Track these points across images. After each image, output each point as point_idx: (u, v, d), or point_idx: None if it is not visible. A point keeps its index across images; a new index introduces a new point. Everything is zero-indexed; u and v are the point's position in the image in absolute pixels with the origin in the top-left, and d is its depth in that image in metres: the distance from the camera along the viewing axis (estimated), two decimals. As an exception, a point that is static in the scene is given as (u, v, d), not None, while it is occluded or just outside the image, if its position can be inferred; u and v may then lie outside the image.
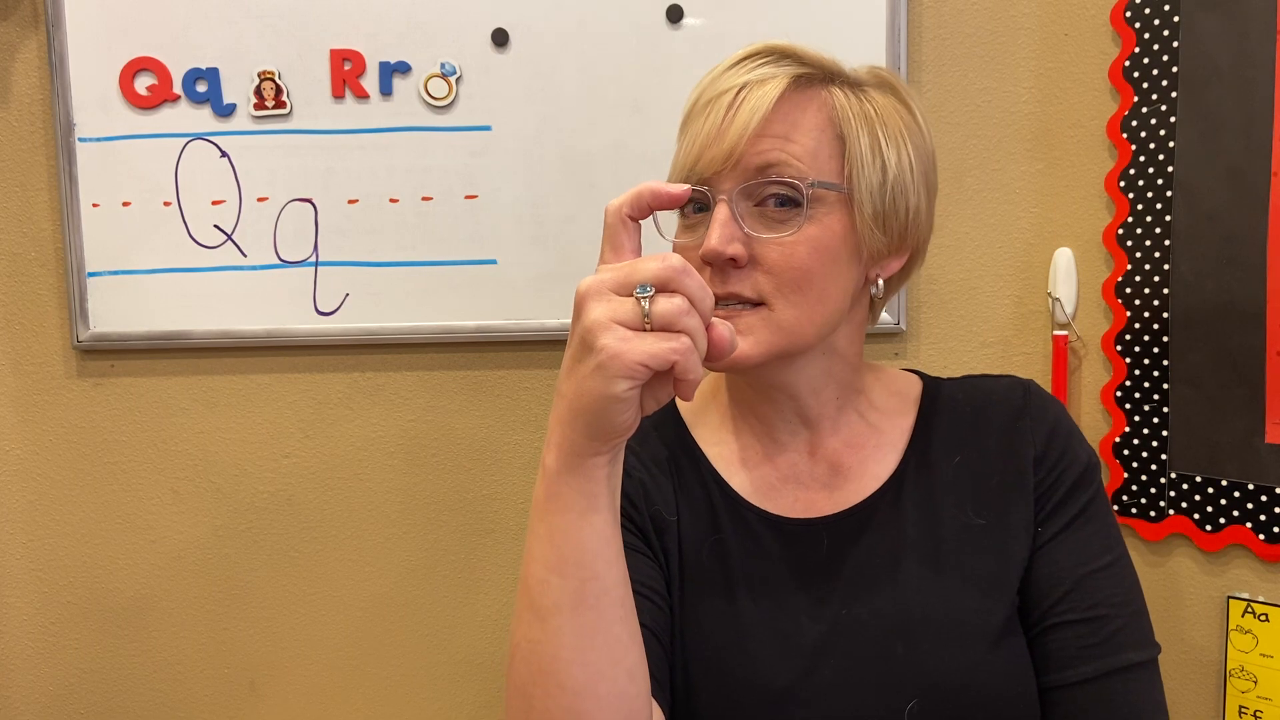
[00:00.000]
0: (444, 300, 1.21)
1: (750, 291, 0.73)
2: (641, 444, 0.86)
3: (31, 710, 1.31)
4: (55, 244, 1.24)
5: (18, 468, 1.28)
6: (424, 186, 1.20)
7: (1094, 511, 0.80)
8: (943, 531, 0.79)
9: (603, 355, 0.55)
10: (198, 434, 1.27)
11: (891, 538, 0.79)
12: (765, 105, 0.72)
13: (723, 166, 0.72)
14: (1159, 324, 1.10)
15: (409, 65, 1.19)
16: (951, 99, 1.18)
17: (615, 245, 0.60)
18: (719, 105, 0.73)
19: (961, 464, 0.81)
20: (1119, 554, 0.80)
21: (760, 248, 0.73)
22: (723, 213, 0.72)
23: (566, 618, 0.61)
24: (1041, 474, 0.80)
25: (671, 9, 1.16)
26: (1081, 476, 0.80)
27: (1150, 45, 1.09)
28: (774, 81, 0.73)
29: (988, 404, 0.83)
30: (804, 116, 0.74)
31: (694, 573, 0.81)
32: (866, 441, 0.83)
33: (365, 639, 1.29)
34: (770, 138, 0.73)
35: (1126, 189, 1.12)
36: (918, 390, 0.86)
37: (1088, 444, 0.83)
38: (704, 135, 0.73)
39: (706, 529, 0.82)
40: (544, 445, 0.61)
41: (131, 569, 1.29)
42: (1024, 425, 0.81)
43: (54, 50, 1.20)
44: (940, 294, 1.21)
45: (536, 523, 0.62)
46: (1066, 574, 0.78)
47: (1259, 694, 1.08)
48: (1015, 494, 0.80)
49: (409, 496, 1.27)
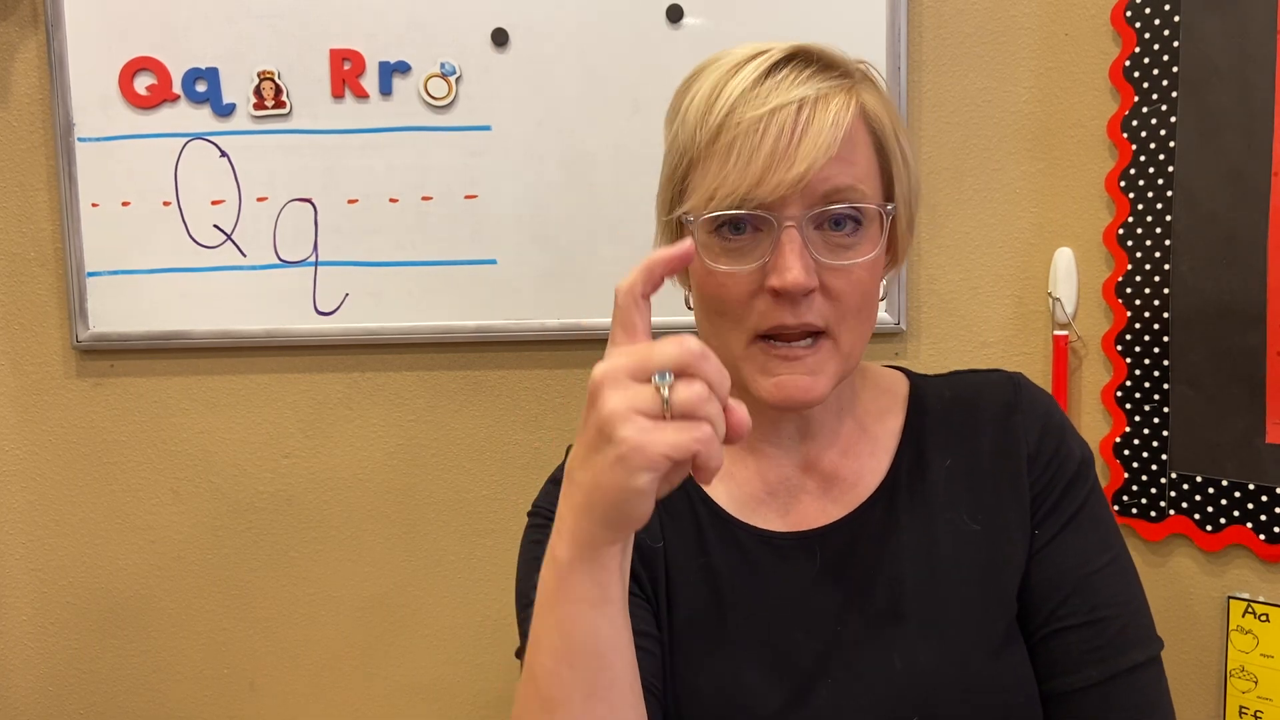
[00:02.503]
0: (444, 300, 1.21)
1: (821, 322, 0.70)
2: None
3: (31, 710, 1.31)
4: (55, 244, 1.24)
5: (18, 468, 1.28)
6: (424, 186, 1.20)
7: (1091, 508, 0.78)
8: (938, 538, 0.77)
9: (623, 448, 0.53)
10: (198, 434, 1.27)
11: (885, 547, 0.77)
12: (843, 127, 0.69)
13: (790, 191, 0.68)
14: (1159, 324, 1.10)
15: (409, 65, 1.18)
16: (951, 99, 1.18)
17: (627, 326, 0.58)
18: (778, 122, 0.68)
19: (954, 466, 0.79)
20: (1117, 549, 0.78)
21: (827, 276, 0.70)
22: (796, 240, 0.68)
23: (577, 709, 0.59)
24: (1036, 473, 0.78)
25: (671, 9, 1.16)
26: (1077, 473, 0.78)
27: (1150, 45, 1.09)
28: (839, 99, 0.70)
29: (977, 401, 0.81)
30: (857, 133, 0.71)
31: (683, 598, 0.78)
32: (861, 449, 0.80)
33: (365, 639, 1.29)
34: (839, 161, 0.69)
35: (1127, 189, 1.12)
36: (905, 388, 0.84)
37: (1080, 437, 0.81)
38: (765, 154, 0.68)
39: (694, 551, 0.79)
40: (554, 532, 0.59)
41: (131, 569, 1.29)
42: (1016, 422, 0.79)
43: (54, 50, 1.20)
44: (940, 294, 1.21)
45: (545, 613, 0.60)
46: (1067, 577, 0.76)
47: (1259, 694, 1.07)
48: (1010, 496, 0.78)
49: (409, 496, 1.27)
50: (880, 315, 1.14)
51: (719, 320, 0.73)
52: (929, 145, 1.18)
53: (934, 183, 1.19)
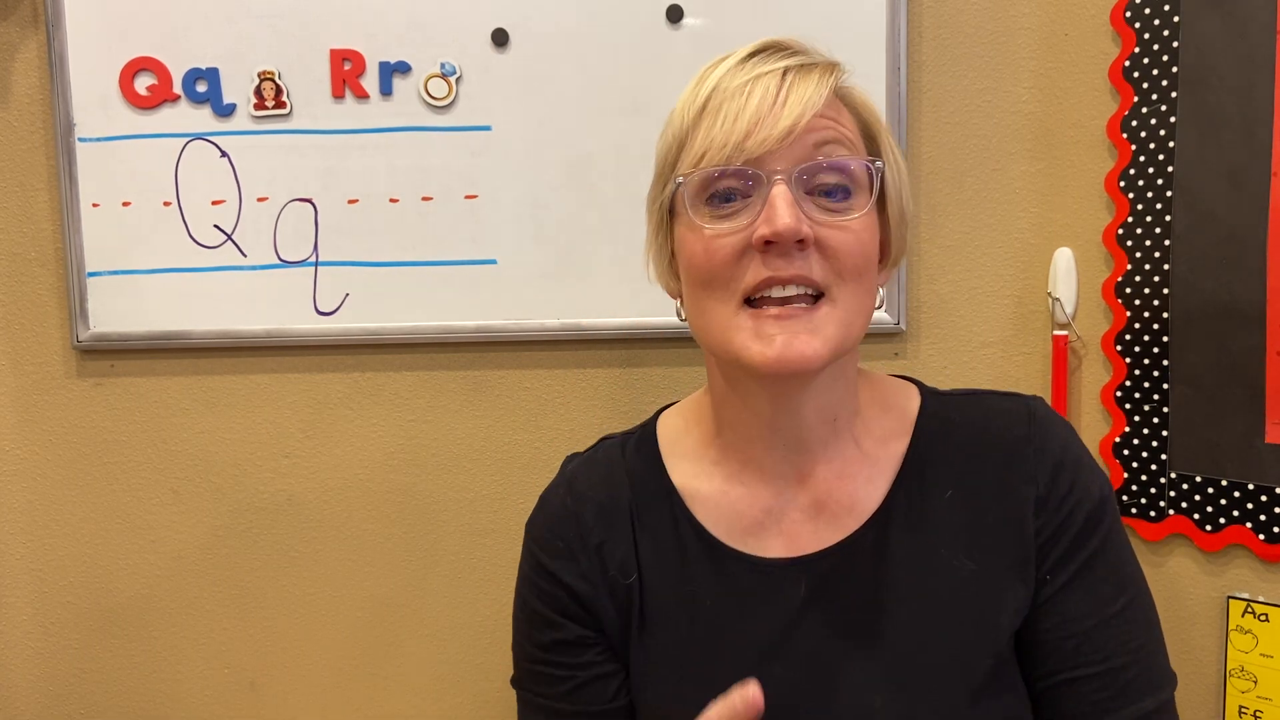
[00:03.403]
0: (444, 300, 1.21)
1: (818, 275, 0.68)
2: (601, 484, 0.81)
3: (31, 710, 1.31)
4: (55, 244, 1.24)
5: (18, 468, 1.28)
6: (424, 186, 1.20)
7: (1106, 552, 0.73)
8: (929, 575, 0.73)
9: None
10: (198, 434, 1.27)
11: (875, 579, 0.73)
12: (827, 85, 0.69)
13: (778, 145, 0.67)
14: (1159, 324, 1.10)
15: (409, 65, 1.19)
16: (951, 99, 1.18)
17: None
18: (763, 85, 0.68)
19: (955, 499, 0.75)
20: (1133, 593, 0.74)
21: (823, 231, 0.68)
22: (786, 192, 0.67)
23: None
24: (1045, 518, 0.73)
25: (671, 9, 1.16)
26: (1091, 515, 0.73)
27: (1150, 45, 1.09)
28: (819, 68, 0.70)
29: (987, 430, 0.76)
30: (842, 111, 0.72)
31: (659, 627, 0.77)
32: (858, 471, 0.77)
33: (365, 639, 1.29)
34: (824, 117, 0.69)
35: (1126, 189, 1.12)
36: (915, 407, 0.79)
37: (1099, 472, 0.76)
38: (750, 113, 0.67)
39: (675, 581, 0.77)
40: None
41: (131, 569, 1.29)
42: (1026, 458, 0.74)
43: (54, 50, 1.20)
44: (940, 294, 1.21)
45: None
46: (1077, 626, 0.72)
47: (1259, 694, 1.08)
48: (1012, 538, 0.73)
49: (409, 496, 1.27)
50: (880, 315, 1.14)
51: (706, 293, 0.71)
52: (929, 145, 1.18)
53: (934, 183, 1.19)
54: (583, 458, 0.86)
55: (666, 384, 1.22)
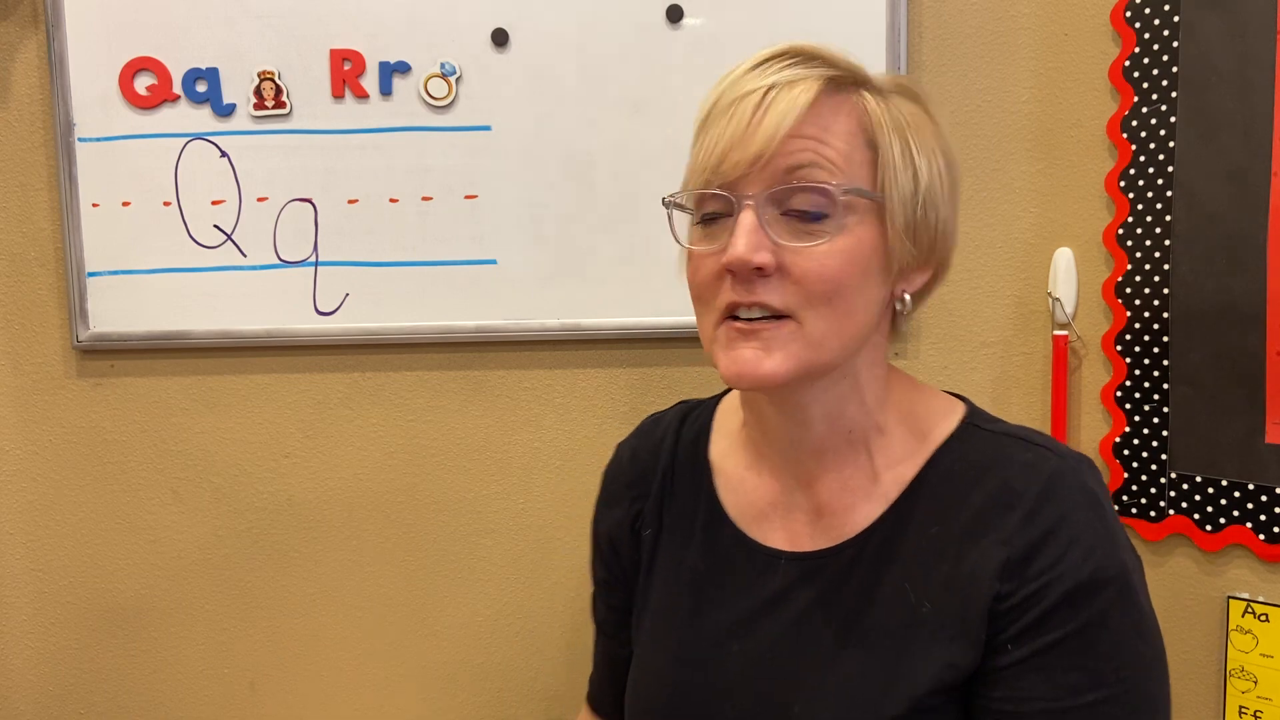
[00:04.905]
0: (444, 300, 1.21)
1: (778, 302, 0.68)
2: (655, 444, 0.89)
3: (31, 710, 1.31)
4: (55, 244, 1.24)
5: (17, 468, 1.28)
6: (424, 186, 1.20)
7: (1086, 637, 0.67)
8: (885, 606, 0.72)
9: None
10: (198, 434, 1.27)
11: (839, 597, 0.74)
12: (800, 106, 0.68)
13: (749, 169, 0.68)
14: (1159, 324, 1.10)
15: (409, 65, 1.18)
16: (951, 99, 1.18)
17: None
18: (744, 106, 0.69)
19: (937, 538, 0.72)
20: (1118, 692, 0.67)
21: (789, 257, 0.68)
22: (749, 219, 0.68)
23: None
24: (1014, 584, 0.68)
25: (671, 9, 1.16)
26: (1071, 595, 0.67)
27: (1150, 45, 1.09)
28: (805, 83, 0.69)
29: (996, 478, 0.72)
30: (836, 121, 0.70)
31: (659, 588, 0.84)
32: (861, 487, 0.77)
33: (365, 639, 1.29)
34: (802, 139, 0.68)
35: (1126, 189, 1.12)
36: (944, 434, 0.76)
37: (1098, 555, 0.68)
38: (728, 136, 0.68)
39: (680, 545, 0.83)
40: None
41: (131, 570, 1.29)
42: (1012, 518, 0.70)
43: (54, 50, 1.20)
44: (940, 294, 1.19)
45: None
46: (1027, 705, 0.68)
47: (1259, 694, 1.08)
48: (969, 592, 0.70)
49: (409, 496, 1.27)
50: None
51: (697, 306, 0.75)
52: (929, 145, 1.18)
53: (934, 183, 1.19)
54: (654, 417, 0.94)
55: (667, 384, 1.22)
